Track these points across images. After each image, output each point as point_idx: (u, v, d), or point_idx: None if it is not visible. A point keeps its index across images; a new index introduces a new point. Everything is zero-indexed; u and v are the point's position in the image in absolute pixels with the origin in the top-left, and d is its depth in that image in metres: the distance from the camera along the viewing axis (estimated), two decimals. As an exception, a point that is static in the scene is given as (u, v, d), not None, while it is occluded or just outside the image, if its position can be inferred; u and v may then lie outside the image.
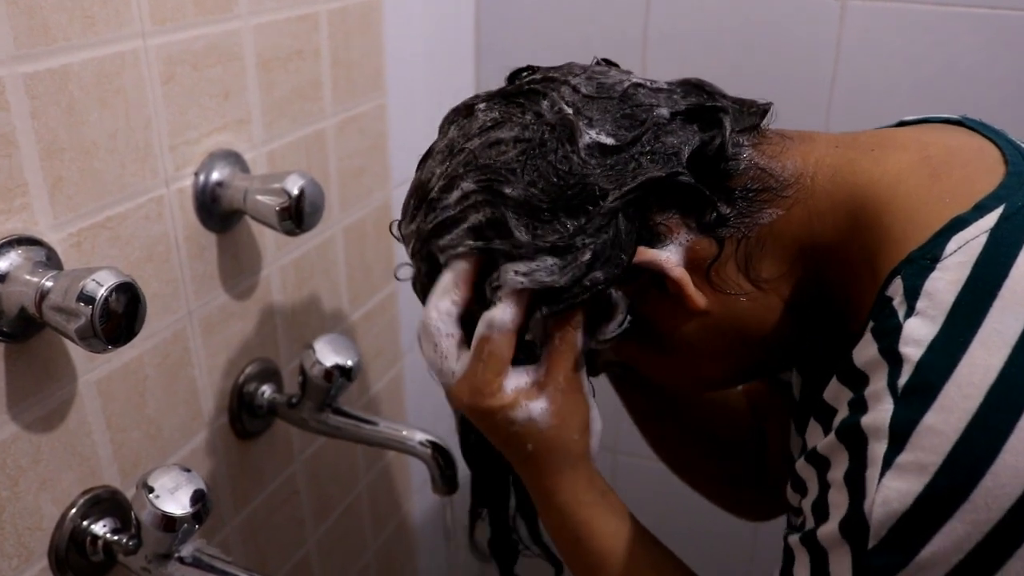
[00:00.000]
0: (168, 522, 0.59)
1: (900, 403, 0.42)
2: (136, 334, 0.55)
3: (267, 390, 0.81)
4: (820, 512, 0.45)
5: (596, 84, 0.55)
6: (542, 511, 0.59)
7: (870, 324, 0.45)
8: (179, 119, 0.67)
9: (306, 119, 0.82)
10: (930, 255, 0.44)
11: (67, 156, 0.58)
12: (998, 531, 0.39)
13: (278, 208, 0.69)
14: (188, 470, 0.62)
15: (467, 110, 0.57)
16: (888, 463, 0.41)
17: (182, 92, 0.66)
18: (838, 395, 0.47)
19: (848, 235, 0.50)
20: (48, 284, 0.53)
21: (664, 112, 0.53)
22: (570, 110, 0.53)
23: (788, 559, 0.48)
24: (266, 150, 0.77)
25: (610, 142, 0.52)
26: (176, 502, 0.60)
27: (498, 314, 0.54)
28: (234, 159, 0.72)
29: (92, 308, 0.51)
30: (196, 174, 0.69)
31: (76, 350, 0.61)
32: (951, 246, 0.44)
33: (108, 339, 0.53)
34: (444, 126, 0.59)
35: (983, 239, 0.43)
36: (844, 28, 0.94)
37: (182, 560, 0.62)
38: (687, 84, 0.57)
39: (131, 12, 0.61)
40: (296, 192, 0.68)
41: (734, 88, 0.58)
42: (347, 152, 0.89)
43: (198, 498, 0.60)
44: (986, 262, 0.43)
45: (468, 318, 0.56)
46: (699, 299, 0.53)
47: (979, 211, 0.45)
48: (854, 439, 0.43)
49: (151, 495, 0.59)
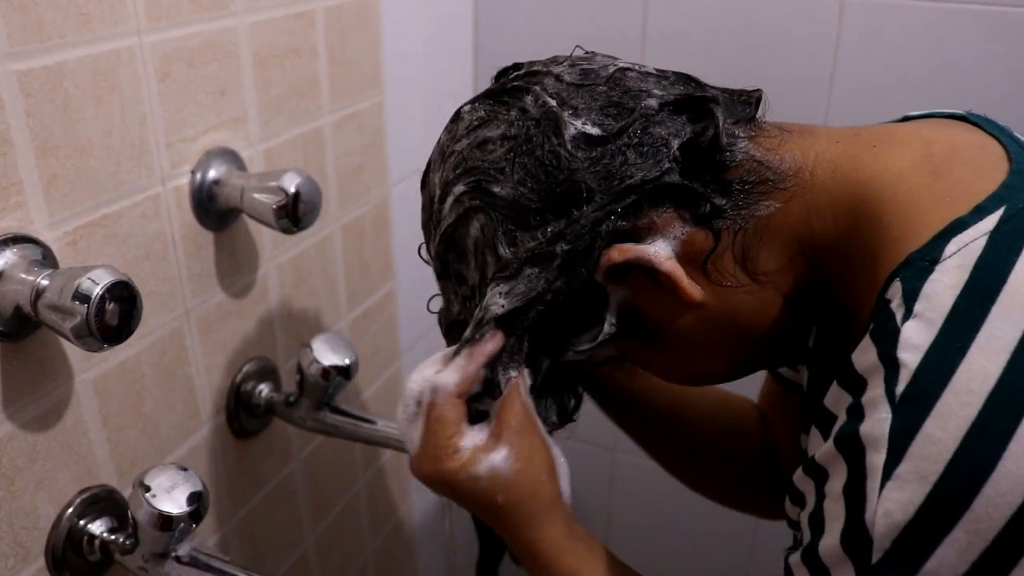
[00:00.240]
0: (165, 521, 0.59)
1: (898, 412, 0.41)
2: (132, 333, 0.55)
3: (264, 389, 0.81)
4: (817, 525, 0.45)
5: (580, 71, 0.54)
6: (527, 564, 0.58)
7: (869, 326, 0.45)
8: (175, 117, 0.66)
9: (303, 117, 0.81)
10: (929, 257, 0.44)
11: (62, 154, 0.58)
12: (1001, 540, 0.39)
13: (275, 206, 0.68)
14: (185, 469, 0.62)
15: (455, 115, 0.57)
16: (888, 474, 0.40)
17: (178, 90, 0.66)
18: (838, 400, 0.47)
19: (847, 232, 0.50)
20: (44, 283, 0.53)
21: (653, 102, 0.53)
22: (553, 102, 0.52)
23: None
24: (263, 148, 0.77)
25: (596, 132, 0.52)
26: (173, 501, 0.59)
27: (441, 379, 0.55)
28: (231, 157, 0.72)
29: (87, 307, 0.51)
30: (192, 172, 0.69)
31: (72, 349, 0.60)
32: (950, 248, 0.43)
33: (104, 338, 0.53)
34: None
35: (982, 242, 0.43)
36: (843, 26, 0.94)
37: (179, 559, 0.62)
38: (677, 74, 0.56)
39: (126, 9, 0.60)
40: (293, 190, 0.68)
41: (733, 86, 0.58)
42: (345, 150, 0.89)
43: (195, 497, 0.60)
44: (985, 266, 0.42)
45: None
46: (694, 291, 0.52)
47: (979, 213, 0.44)
48: (852, 449, 0.43)
49: (148, 494, 0.59)
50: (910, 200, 0.47)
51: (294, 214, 0.69)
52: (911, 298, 0.43)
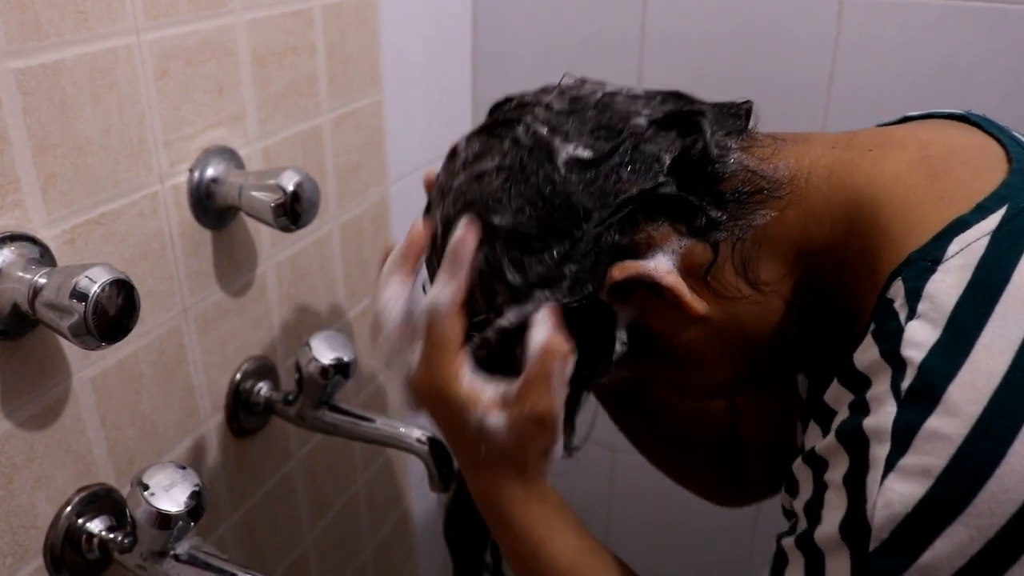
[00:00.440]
0: (163, 520, 0.59)
1: (903, 406, 0.41)
2: (130, 331, 0.55)
3: (263, 387, 0.81)
4: (814, 513, 0.45)
5: (569, 99, 0.55)
6: (494, 526, 0.57)
7: (871, 327, 0.45)
8: (173, 115, 0.66)
9: (302, 115, 0.81)
10: (931, 257, 0.44)
11: (60, 152, 0.57)
12: (1001, 537, 0.39)
13: (273, 204, 0.68)
14: (183, 467, 0.62)
15: (451, 152, 0.58)
16: (891, 465, 0.41)
17: (176, 88, 0.66)
18: (839, 397, 0.47)
19: (846, 236, 0.50)
20: (41, 281, 0.53)
21: (641, 121, 0.53)
22: (544, 129, 0.53)
23: (780, 561, 0.48)
24: (261, 146, 0.77)
25: (587, 155, 0.52)
26: (171, 499, 0.59)
27: (438, 298, 0.54)
28: (229, 155, 0.72)
29: (85, 305, 0.51)
30: (191, 170, 0.69)
31: (70, 347, 0.60)
32: (952, 248, 0.43)
33: (101, 336, 0.53)
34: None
35: (984, 242, 0.43)
36: (842, 24, 0.94)
37: (177, 558, 0.61)
38: (665, 93, 0.57)
39: (124, 7, 0.60)
40: (291, 188, 0.68)
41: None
42: (344, 148, 0.89)
43: (193, 496, 0.60)
44: (987, 266, 0.42)
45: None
46: (698, 304, 0.53)
47: (981, 212, 0.44)
48: (855, 441, 0.43)
49: (146, 492, 0.59)
50: (907, 202, 0.47)
51: (293, 212, 0.69)
52: (914, 298, 0.43)
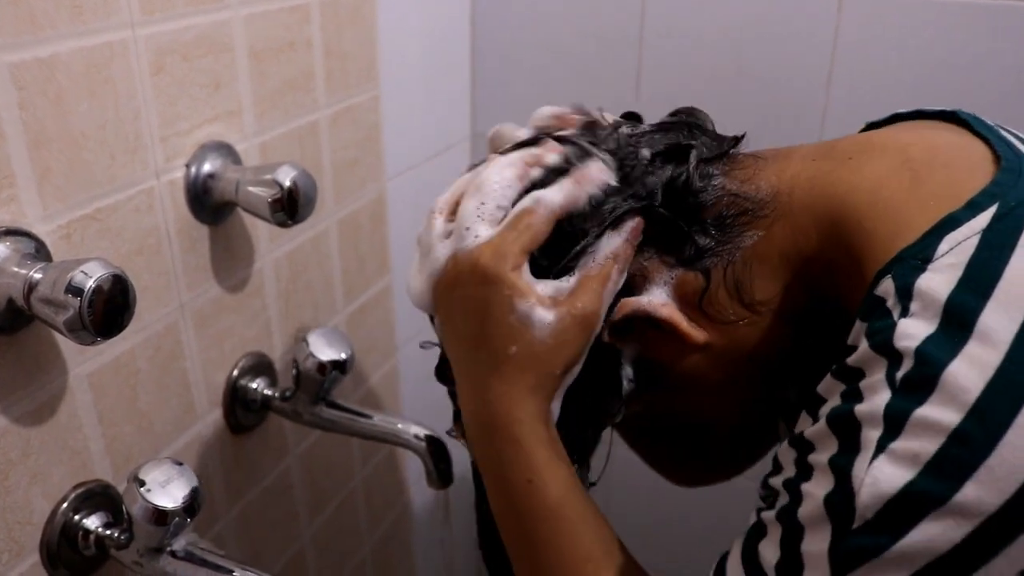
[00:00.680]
0: (159, 516, 0.59)
1: (898, 394, 0.41)
2: (125, 326, 0.55)
3: (260, 383, 0.81)
4: (796, 490, 0.45)
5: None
6: (491, 442, 0.54)
7: (864, 326, 0.45)
8: (169, 110, 0.66)
9: (299, 110, 0.81)
10: (921, 255, 0.44)
11: (55, 147, 0.57)
12: (987, 526, 0.39)
13: (270, 200, 0.68)
14: (180, 464, 0.61)
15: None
16: (881, 448, 0.41)
17: (172, 83, 0.66)
18: (830, 388, 0.47)
19: (833, 244, 0.50)
20: (36, 276, 0.53)
21: (645, 152, 0.55)
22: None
23: (756, 533, 0.48)
24: (258, 141, 0.76)
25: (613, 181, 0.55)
26: (168, 496, 0.59)
27: (549, 194, 0.53)
28: (226, 151, 0.72)
29: (80, 300, 0.51)
30: (187, 166, 0.69)
31: (66, 343, 0.60)
32: (943, 246, 0.43)
33: (97, 331, 0.52)
34: None
35: (975, 240, 0.43)
36: (842, 20, 0.94)
37: (174, 554, 0.61)
38: (677, 114, 0.59)
39: (120, 1, 0.60)
40: (288, 183, 0.68)
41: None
42: (341, 144, 0.88)
43: (190, 492, 0.60)
44: (979, 264, 0.42)
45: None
46: (696, 333, 0.53)
47: (972, 209, 0.44)
48: (846, 425, 0.43)
49: (142, 488, 0.59)
50: (891, 205, 0.47)
51: (290, 208, 0.69)
52: (905, 296, 0.43)
